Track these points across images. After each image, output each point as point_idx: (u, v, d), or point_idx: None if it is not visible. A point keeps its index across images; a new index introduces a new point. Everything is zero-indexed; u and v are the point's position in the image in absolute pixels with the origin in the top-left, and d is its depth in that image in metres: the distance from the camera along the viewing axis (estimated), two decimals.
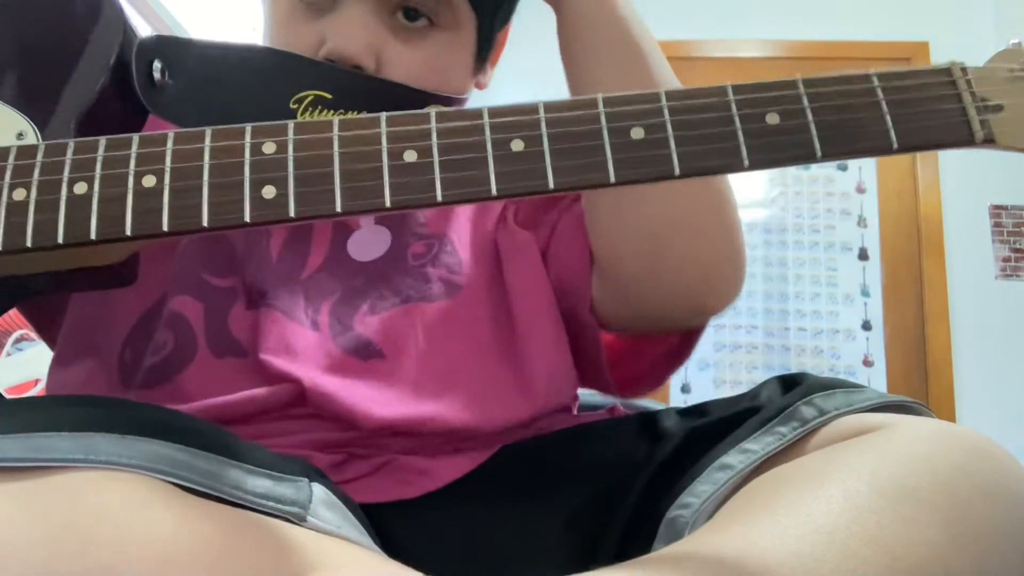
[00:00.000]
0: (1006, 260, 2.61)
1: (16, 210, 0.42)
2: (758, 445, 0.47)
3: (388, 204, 0.41)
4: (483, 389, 0.57)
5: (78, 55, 0.53)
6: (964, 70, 0.44)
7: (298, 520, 0.38)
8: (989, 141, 0.42)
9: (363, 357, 0.56)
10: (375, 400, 0.53)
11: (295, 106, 0.56)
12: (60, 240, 0.42)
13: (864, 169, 2.78)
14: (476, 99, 0.72)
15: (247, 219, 0.41)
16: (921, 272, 2.64)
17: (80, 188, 0.42)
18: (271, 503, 0.37)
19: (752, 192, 2.81)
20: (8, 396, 0.70)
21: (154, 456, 0.34)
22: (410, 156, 0.42)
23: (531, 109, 0.43)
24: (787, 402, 0.49)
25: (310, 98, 0.56)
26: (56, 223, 0.42)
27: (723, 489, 0.44)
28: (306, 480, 0.40)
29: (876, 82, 0.45)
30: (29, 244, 0.42)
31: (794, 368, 2.55)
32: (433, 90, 0.61)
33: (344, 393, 0.53)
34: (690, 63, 2.92)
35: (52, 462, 0.32)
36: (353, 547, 0.39)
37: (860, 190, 2.76)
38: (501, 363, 0.59)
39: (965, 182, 2.68)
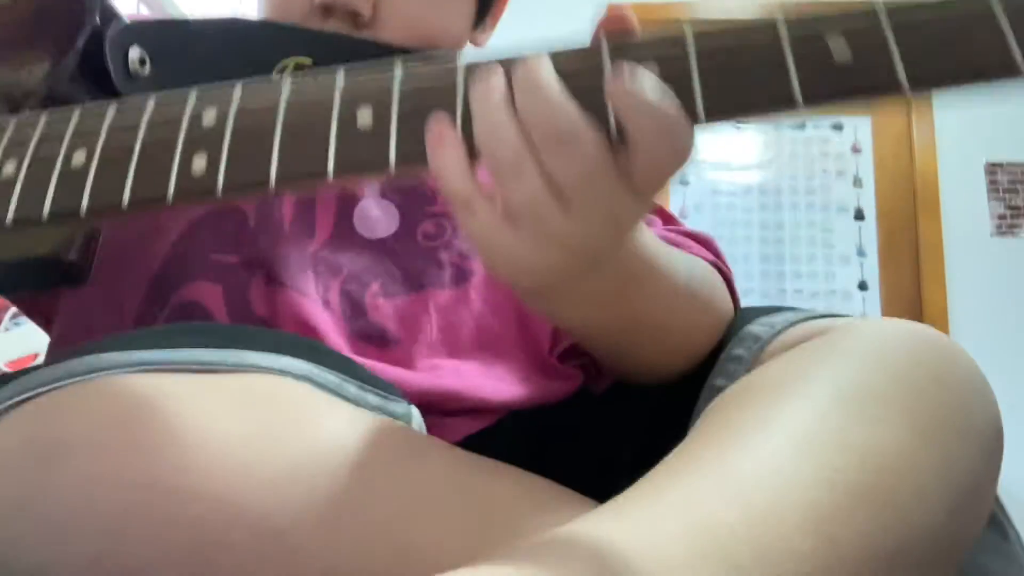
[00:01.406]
0: (1001, 217, 2.61)
1: None
2: (724, 379, 0.48)
3: (331, 173, 0.35)
4: (496, 372, 0.57)
5: (39, 33, 0.50)
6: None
7: None
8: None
9: (379, 345, 0.56)
10: (398, 375, 0.53)
11: (277, 77, 0.54)
12: None
13: (859, 129, 2.76)
14: None
15: (169, 197, 0.37)
16: (917, 232, 2.64)
17: (9, 168, 0.39)
18: (385, 416, 0.39)
19: (747, 155, 2.80)
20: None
21: (307, 370, 0.36)
22: (364, 118, 0.36)
23: (508, 61, 0.36)
24: (735, 327, 0.50)
25: (291, 65, 0.54)
26: None
27: None
28: (408, 404, 0.42)
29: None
30: None
31: None
32: (427, 45, 0.59)
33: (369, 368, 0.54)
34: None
35: (244, 368, 0.35)
36: None
37: (855, 150, 2.75)
38: (513, 348, 0.59)
39: (961, 140, 2.67)
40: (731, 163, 2.80)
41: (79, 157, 0.39)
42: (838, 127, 2.77)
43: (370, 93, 0.36)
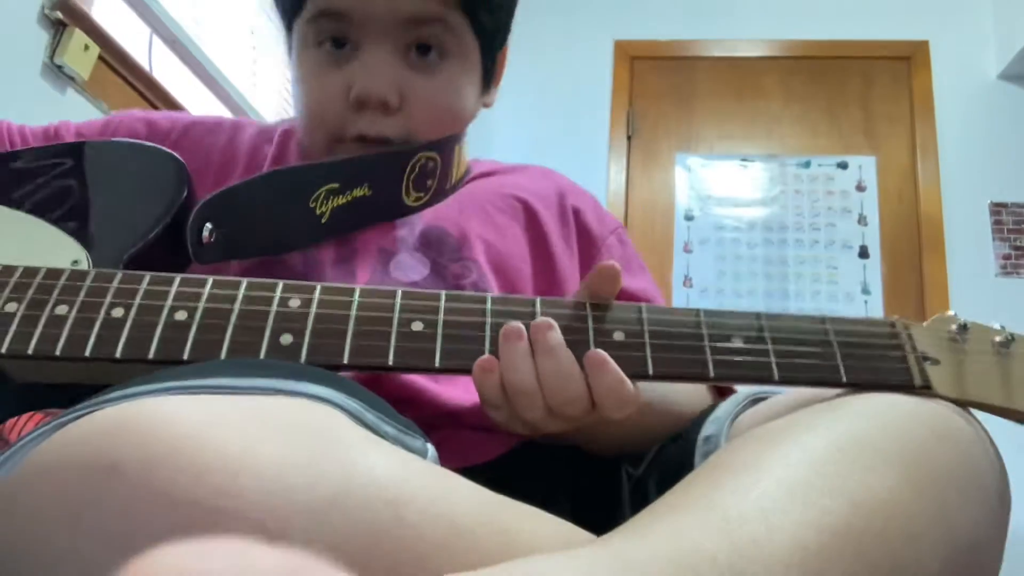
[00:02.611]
0: (1006, 258, 2.62)
1: (54, 323, 0.47)
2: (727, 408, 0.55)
3: (391, 363, 0.48)
4: None
5: (143, 206, 0.62)
6: (907, 326, 0.52)
7: None
8: (926, 387, 0.49)
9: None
10: (441, 391, 0.61)
11: (313, 204, 0.66)
12: (87, 353, 0.46)
13: (864, 167, 2.78)
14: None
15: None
16: (921, 270, 2.64)
17: (117, 312, 0.48)
18: (400, 448, 0.41)
19: (752, 190, 2.82)
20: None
21: (336, 397, 0.40)
22: (417, 326, 0.49)
23: (529, 302, 0.51)
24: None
25: (323, 194, 0.66)
26: (87, 339, 0.46)
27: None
28: (423, 436, 0.44)
29: (829, 324, 0.51)
30: (57, 353, 0.46)
31: None
32: (448, 122, 0.72)
33: (412, 382, 0.60)
34: (690, 63, 2.92)
35: (287, 392, 0.38)
36: None
37: (860, 188, 2.77)
38: None
39: (965, 180, 2.69)
40: (736, 199, 2.81)
41: (181, 315, 0.48)
42: (843, 165, 2.79)
43: (420, 309, 0.50)
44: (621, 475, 0.61)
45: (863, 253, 2.70)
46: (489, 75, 0.78)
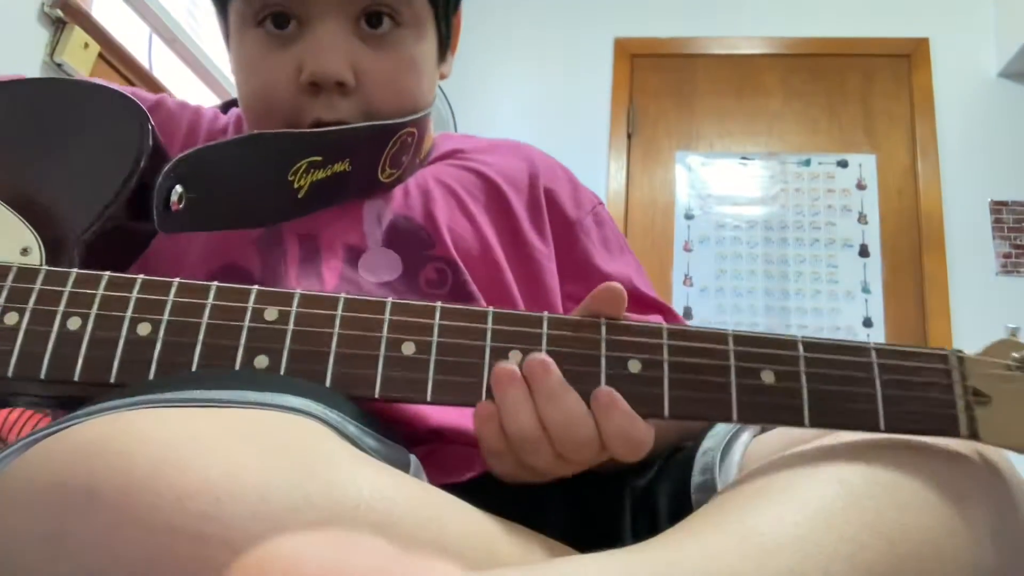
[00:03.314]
0: (1007, 256, 2.62)
1: (4, 336, 0.42)
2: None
3: (376, 395, 0.43)
4: None
5: (101, 165, 0.54)
6: (961, 360, 0.46)
7: None
8: (973, 436, 0.44)
9: None
10: (425, 409, 0.55)
11: (292, 178, 0.60)
12: (42, 376, 0.41)
13: (864, 166, 2.78)
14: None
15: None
16: (922, 268, 2.64)
17: (74, 324, 0.42)
18: (380, 459, 0.40)
19: (752, 189, 2.82)
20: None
21: (317, 410, 0.39)
22: (408, 349, 0.43)
23: (535, 320, 0.45)
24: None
25: (304, 166, 0.60)
26: (42, 357, 0.42)
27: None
28: (404, 448, 0.43)
29: (874, 357, 0.45)
30: (10, 375, 0.41)
31: None
32: (408, 99, 0.66)
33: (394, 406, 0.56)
34: (691, 60, 2.92)
35: (266, 406, 0.37)
36: None
37: (860, 187, 2.76)
38: None
39: (966, 178, 2.68)
40: (736, 197, 2.81)
41: (144, 328, 0.43)
42: (843, 164, 2.79)
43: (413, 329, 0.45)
44: (622, 488, 0.58)
45: (863, 251, 2.70)
46: (444, 43, 0.72)
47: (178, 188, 0.54)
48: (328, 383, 0.42)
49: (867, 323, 2.63)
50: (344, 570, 0.26)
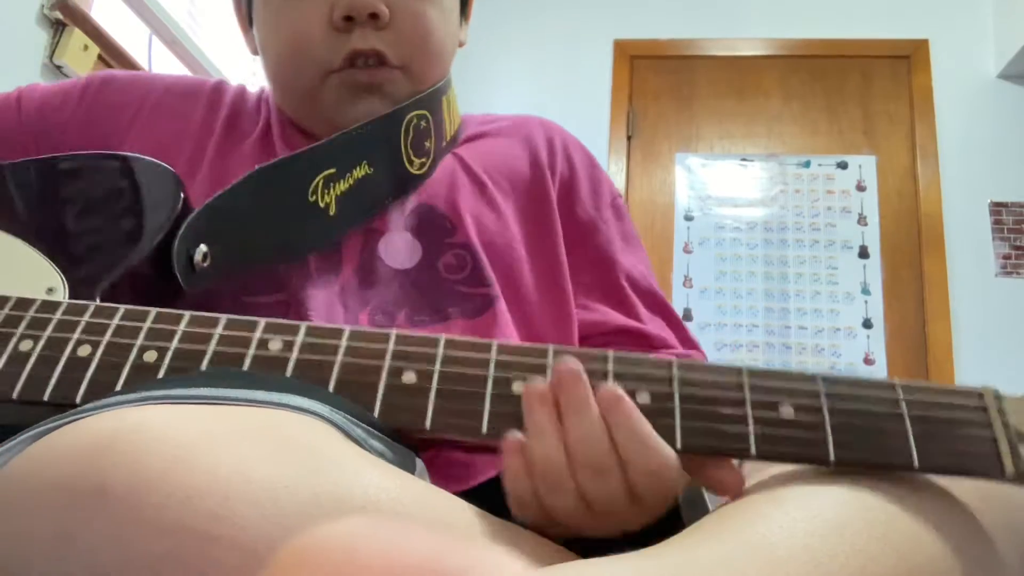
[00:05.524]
0: (1006, 257, 2.62)
1: (16, 360, 0.43)
2: None
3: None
4: None
5: (130, 227, 0.56)
6: (998, 398, 0.43)
7: None
8: (1020, 478, 0.40)
9: None
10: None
11: (314, 198, 0.60)
12: (46, 398, 0.42)
13: (864, 167, 2.78)
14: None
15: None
16: (922, 270, 2.64)
17: (83, 351, 0.44)
18: (386, 461, 0.40)
19: (752, 190, 2.82)
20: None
21: (323, 410, 0.38)
22: (408, 378, 0.43)
23: (540, 351, 0.44)
24: None
25: (320, 182, 0.60)
26: (48, 380, 0.43)
27: None
28: (412, 452, 0.43)
29: (900, 394, 0.42)
30: (15, 396, 0.42)
31: (795, 366, 2.54)
32: (433, 45, 0.66)
33: None
34: (690, 62, 2.92)
35: (273, 405, 0.37)
36: None
37: (860, 188, 2.76)
38: None
39: (965, 179, 2.68)
40: (736, 198, 2.81)
41: (150, 355, 0.44)
42: (843, 165, 2.79)
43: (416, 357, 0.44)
44: None
45: (863, 253, 2.70)
46: (464, 7, 0.75)
47: (202, 247, 0.55)
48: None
49: (867, 324, 2.63)
50: (400, 557, 0.26)
